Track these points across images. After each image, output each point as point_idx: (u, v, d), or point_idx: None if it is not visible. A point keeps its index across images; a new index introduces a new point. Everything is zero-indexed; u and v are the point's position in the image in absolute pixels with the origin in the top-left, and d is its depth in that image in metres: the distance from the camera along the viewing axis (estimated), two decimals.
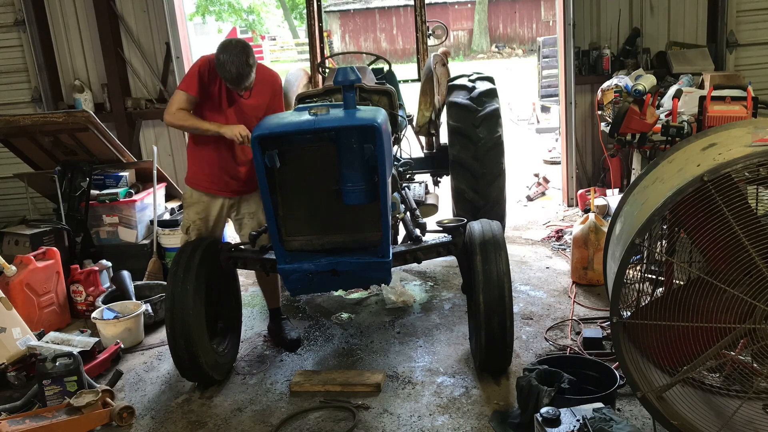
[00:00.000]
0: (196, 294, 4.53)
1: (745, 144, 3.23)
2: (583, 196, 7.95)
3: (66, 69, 8.35)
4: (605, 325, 5.12)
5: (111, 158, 7.11)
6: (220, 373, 4.79)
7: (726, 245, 3.18)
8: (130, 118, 8.31)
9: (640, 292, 3.70)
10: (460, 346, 5.12)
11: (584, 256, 6.01)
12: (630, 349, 3.47)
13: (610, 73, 7.86)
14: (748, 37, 7.95)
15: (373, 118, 4.08)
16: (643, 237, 3.30)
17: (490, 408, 4.28)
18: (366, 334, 5.47)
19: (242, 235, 5.23)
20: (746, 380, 3.38)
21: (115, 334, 5.44)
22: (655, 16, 7.99)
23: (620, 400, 4.13)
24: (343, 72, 4.19)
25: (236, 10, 34.73)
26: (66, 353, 4.58)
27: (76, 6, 8.14)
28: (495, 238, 4.51)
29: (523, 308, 5.69)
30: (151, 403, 4.69)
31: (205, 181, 5.03)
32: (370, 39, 36.62)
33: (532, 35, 34.74)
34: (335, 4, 36.35)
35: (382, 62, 7.02)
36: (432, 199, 6.42)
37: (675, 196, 3.16)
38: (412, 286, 6.38)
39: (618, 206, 4.07)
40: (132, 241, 6.91)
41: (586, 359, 4.44)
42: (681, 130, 5.64)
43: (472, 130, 6.21)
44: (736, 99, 5.65)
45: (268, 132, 4.07)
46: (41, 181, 7.03)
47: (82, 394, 4.35)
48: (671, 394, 3.40)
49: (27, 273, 5.74)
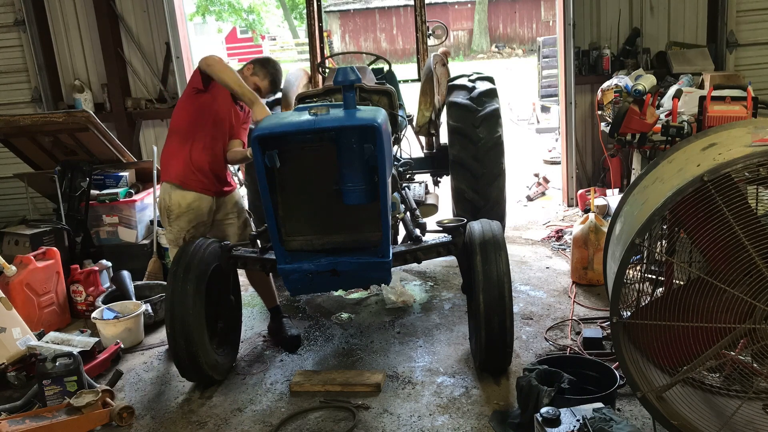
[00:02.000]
0: (196, 294, 4.52)
1: (745, 144, 3.23)
2: (583, 196, 7.95)
3: (66, 69, 8.36)
4: (605, 325, 5.11)
5: (111, 158, 7.12)
6: (220, 373, 4.78)
7: (726, 245, 3.18)
8: (130, 118, 8.32)
9: (640, 292, 3.70)
10: (460, 346, 5.11)
11: (584, 256, 6.00)
12: (630, 349, 3.46)
13: (610, 73, 7.86)
14: (748, 37, 7.95)
15: (373, 118, 4.07)
16: (643, 237, 3.30)
17: (490, 408, 4.27)
18: (366, 334, 5.47)
19: (229, 236, 5.25)
20: (746, 380, 3.37)
21: (115, 334, 5.43)
22: (655, 16, 7.99)
23: (620, 400, 4.12)
24: (343, 72, 4.17)
25: (236, 10, 34.71)
26: (66, 353, 4.58)
27: (76, 6, 8.16)
28: (495, 238, 4.51)
29: (523, 308, 5.68)
30: (151, 403, 4.68)
31: (197, 181, 5.01)
32: (370, 39, 36.62)
33: (532, 35, 34.75)
34: (335, 4, 36.34)
35: (382, 62, 7.02)
36: (432, 199, 6.42)
37: (675, 196, 3.16)
38: (412, 286, 6.38)
39: (618, 206, 4.06)
40: (132, 241, 6.91)
41: (586, 359, 4.43)
42: (681, 130, 5.64)
43: (472, 130, 6.20)
44: (736, 99, 5.65)
45: (268, 132, 4.06)
46: (41, 181, 7.03)
47: (82, 394, 4.35)
48: (671, 394, 3.40)
49: (27, 273, 5.74)
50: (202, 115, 4.93)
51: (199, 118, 4.94)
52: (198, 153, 4.96)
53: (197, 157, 4.96)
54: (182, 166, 4.97)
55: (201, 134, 4.94)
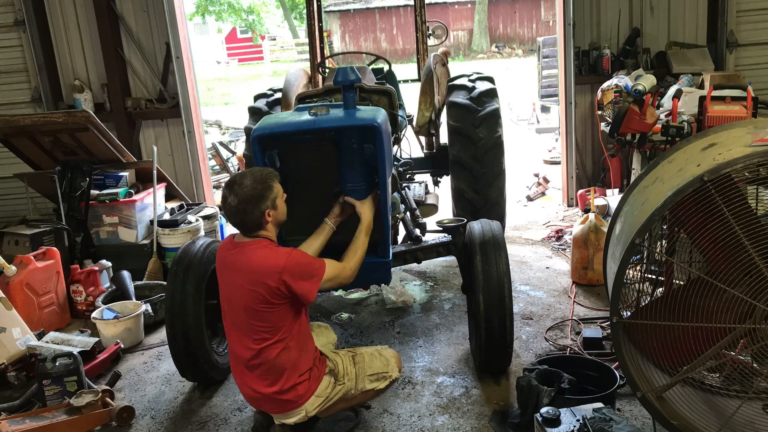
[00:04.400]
0: (197, 294, 4.52)
1: (745, 144, 3.23)
2: (583, 196, 7.95)
3: (66, 69, 8.36)
4: (605, 325, 5.12)
5: (111, 158, 7.12)
6: (219, 373, 4.77)
7: (726, 245, 3.18)
8: (130, 118, 8.32)
9: (640, 292, 3.70)
10: (460, 346, 5.11)
11: (584, 256, 6.00)
12: (630, 349, 3.47)
13: (610, 73, 7.86)
14: (748, 37, 7.95)
15: (373, 118, 4.07)
16: (643, 237, 3.30)
17: (490, 408, 4.27)
18: (366, 334, 5.46)
19: None
20: (746, 380, 3.38)
21: (115, 334, 5.43)
22: (655, 16, 7.98)
23: (620, 400, 4.13)
24: (343, 72, 4.16)
25: (236, 10, 34.78)
26: (66, 353, 4.58)
27: (76, 6, 8.15)
28: (495, 238, 4.51)
29: (523, 308, 5.68)
30: (151, 403, 4.69)
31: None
32: (370, 39, 36.60)
33: (532, 35, 34.74)
34: (335, 4, 36.31)
35: (382, 62, 7.02)
36: (432, 199, 6.43)
37: (675, 196, 3.16)
38: (412, 286, 6.37)
39: (618, 206, 4.07)
40: (132, 241, 6.92)
41: (586, 359, 4.44)
42: (681, 130, 5.64)
43: (472, 130, 6.20)
44: (736, 99, 5.65)
45: (268, 132, 4.04)
46: (41, 181, 7.04)
47: (82, 394, 4.35)
48: (671, 394, 3.40)
49: (27, 273, 5.74)
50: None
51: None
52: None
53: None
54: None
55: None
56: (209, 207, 7.62)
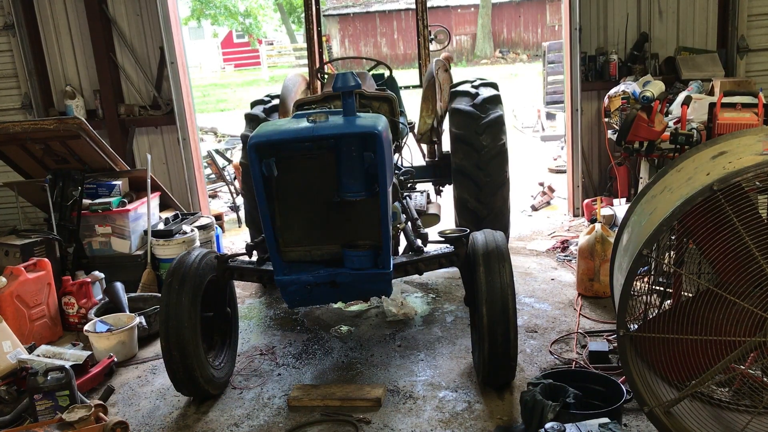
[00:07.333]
0: (192, 306, 4.46)
1: (755, 152, 3.24)
2: (589, 206, 7.90)
3: (57, 74, 8.28)
4: (612, 338, 5.08)
5: (103, 166, 7.05)
6: (215, 388, 4.72)
7: (736, 256, 3.18)
8: (123, 125, 8.25)
9: (647, 304, 3.69)
10: (462, 360, 5.06)
11: (590, 268, 5.94)
12: (637, 362, 3.47)
13: (618, 79, 7.83)
14: (759, 42, 7.89)
15: (373, 125, 4.07)
16: (650, 248, 3.30)
17: (493, 423, 4.22)
18: (366, 347, 5.41)
19: None
20: (756, 394, 3.38)
21: (108, 348, 5.37)
22: (663, 20, 7.92)
23: (627, 416, 4.08)
24: (343, 78, 4.16)
25: (232, 14, 34.74)
26: (58, 367, 4.54)
27: (67, 9, 8.06)
28: (498, 249, 4.46)
29: (528, 321, 5.62)
30: (146, 418, 4.63)
31: None
32: (371, 44, 36.65)
33: (537, 40, 34.78)
34: (335, 7, 36.44)
35: (382, 68, 7.00)
36: (434, 208, 6.42)
37: (684, 206, 3.16)
38: (414, 298, 6.32)
39: (625, 216, 4.06)
40: (125, 252, 6.83)
41: (592, 373, 4.39)
42: (690, 137, 5.65)
43: (475, 138, 6.17)
44: (747, 106, 5.70)
45: (265, 139, 4.06)
46: (32, 190, 6.98)
47: (75, 408, 4.26)
48: (679, 409, 3.40)
49: (17, 284, 5.69)
50: None
51: None
52: None
53: None
54: None
55: None
56: (205, 217, 7.55)
